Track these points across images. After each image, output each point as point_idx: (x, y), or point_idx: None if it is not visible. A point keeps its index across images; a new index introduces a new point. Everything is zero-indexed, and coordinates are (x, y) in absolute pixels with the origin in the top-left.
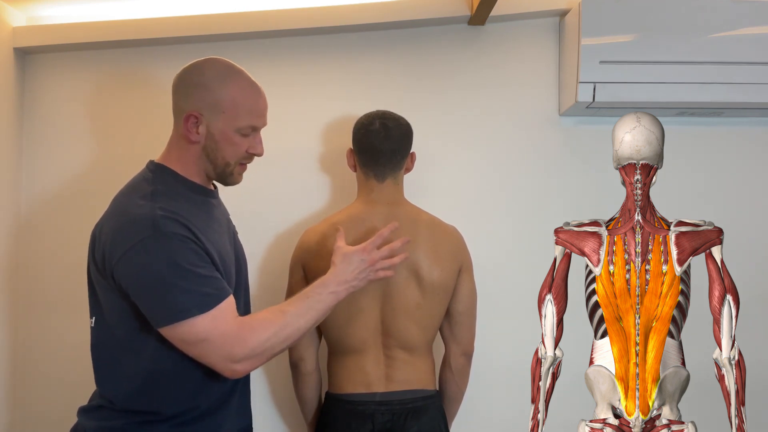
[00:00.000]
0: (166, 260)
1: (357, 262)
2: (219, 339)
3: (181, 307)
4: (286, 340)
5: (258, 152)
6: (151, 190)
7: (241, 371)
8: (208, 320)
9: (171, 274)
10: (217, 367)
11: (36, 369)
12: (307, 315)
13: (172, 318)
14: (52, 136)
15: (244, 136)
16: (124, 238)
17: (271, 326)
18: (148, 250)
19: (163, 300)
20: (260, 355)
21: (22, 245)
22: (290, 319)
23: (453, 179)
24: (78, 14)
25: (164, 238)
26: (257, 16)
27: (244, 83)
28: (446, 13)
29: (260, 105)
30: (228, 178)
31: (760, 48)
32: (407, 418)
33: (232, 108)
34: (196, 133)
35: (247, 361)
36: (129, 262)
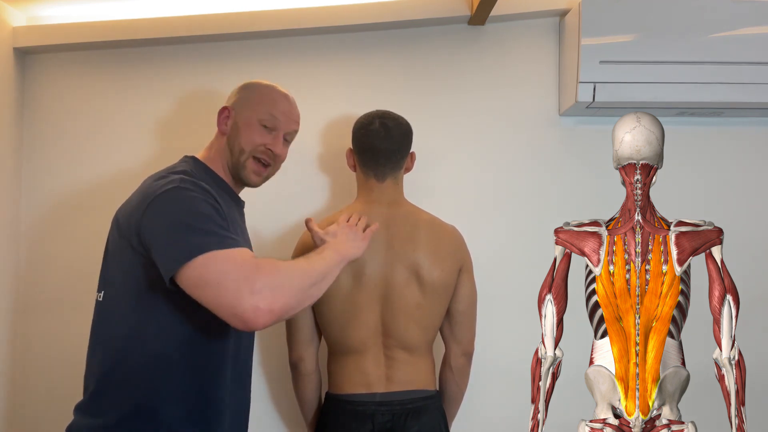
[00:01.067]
0: (188, 207)
1: (334, 231)
2: (235, 272)
3: (200, 243)
4: (304, 282)
5: (276, 150)
6: (182, 170)
7: (261, 309)
8: (226, 255)
9: (192, 218)
10: (234, 307)
11: (36, 369)
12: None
13: (191, 253)
14: (52, 136)
15: (265, 129)
16: (150, 195)
17: (289, 264)
18: (171, 198)
19: (184, 239)
20: (281, 288)
21: (22, 245)
22: (308, 266)
23: (453, 179)
24: (78, 14)
25: (188, 191)
26: (257, 16)
27: (275, 88)
28: (446, 13)
29: (284, 105)
30: (242, 171)
31: (760, 48)
32: (407, 418)
33: (259, 99)
34: (225, 126)
35: (266, 293)
36: (155, 209)
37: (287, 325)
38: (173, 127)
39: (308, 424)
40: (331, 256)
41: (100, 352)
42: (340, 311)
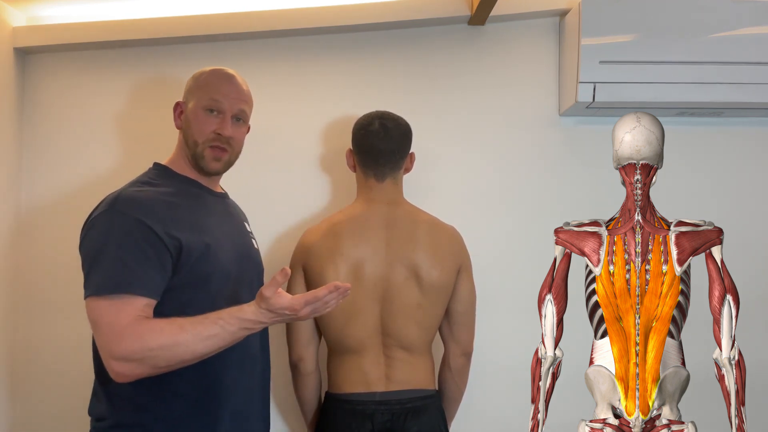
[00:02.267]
0: (102, 235)
1: (280, 313)
2: (105, 329)
3: (89, 283)
4: (174, 358)
5: (224, 133)
6: (137, 180)
7: (120, 373)
8: (104, 306)
9: (99, 249)
10: (104, 361)
11: (36, 369)
12: (210, 341)
13: (85, 292)
14: (51, 136)
15: (210, 113)
16: (90, 216)
17: (161, 337)
18: (95, 223)
19: (85, 273)
20: (140, 361)
21: (22, 245)
22: (188, 338)
23: (453, 179)
24: (78, 14)
25: (112, 214)
26: (257, 16)
27: (218, 71)
28: (446, 13)
29: (226, 87)
30: (200, 161)
31: (760, 48)
32: (407, 417)
33: (201, 86)
34: (180, 120)
35: (124, 363)
36: (84, 234)
37: (287, 324)
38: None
39: (308, 423)
40: (239, 334)
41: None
42: (340, 311)
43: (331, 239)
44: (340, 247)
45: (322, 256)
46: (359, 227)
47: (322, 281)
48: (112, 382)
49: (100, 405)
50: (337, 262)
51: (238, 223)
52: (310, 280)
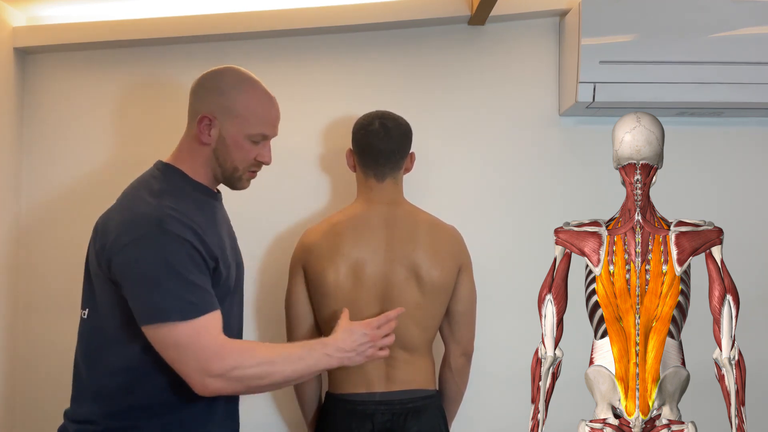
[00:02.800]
0: (161, 259)
1: (359, 335)
2: (198, 350)
3: (164, 308)
4: (266, 378)
5: (266, 161)
6: (158, 188)
7: (212, 390)
8: (189, 329)
9: (162, 273)
10: (189, 378)
11: (36, 369)
12: (297, 364)
13: (153, 318)
14: (52, 136)
15: (254, 144)
16: (128, 231)
17: (257, 356)
18: (147, 245)
19: (148, 298)
20: (236, 380)
21: (22, 245)
22: (279, 360)
23: (453, 179)
24: (78, 14)
25: (165, 237)
26: (257, 16)
27: (259, 92)
28: (446, 13)
29: (272, 114)
30: (236, 183)
31: (760, 48)
32: (407, 417)
33: (245, 114)
34: (208, 135)
35: (220, 380)
36: (127, 254)
37: (287, 324)
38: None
39: (308, 423)
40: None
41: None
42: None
43: (332, 239)
44: (341, 247)
45: (322, 256)
46: (359, 227)
47: (322, 281)
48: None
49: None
50: (338, 262)
51: (229, 224)
52: (310, 280)
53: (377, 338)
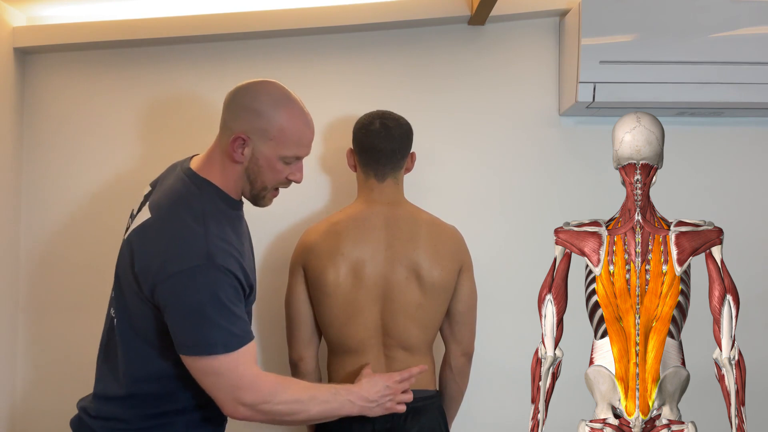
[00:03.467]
0: (210, 292)
1: (382, 386)
2: (235, 379)
3: (210, 342)
4: (291, 416)
5: (297, 179)
6: (201, 211)
7: (241, 416)
8: (230, 360)
9: (210, 307)
10: (221, 402)
11: (36, 369)
12: (322, 406)
13: (199, 350)
14: (52, 136)
15: (287, 164)
16: (176, 261)
17: (288, 394)
18: (196, 277)
19: (195, 330)
20: (264, 412)
21: (22, 246)
22: (307, 400)
23: (453, 179)
24: (78, 14)
25: (215, 270)
26: (257, 16)
27: (295, 113)
28: (446, 13)
29: (307, 136)
30: (260, 201)
31: (760, 48)
32: (407, 418)
33: (279, 136)
34: (241, 155)
35: (251, 410)
36: (175, 284)
37: (287, 324)
38: (174, 127)
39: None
40: (344, 406)
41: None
42: (340, 311)
43: (332, 239)
44: (341, 247)
45: (322, 255)
46: (360, 227)
47: (322, 281)
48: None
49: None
50: (338, 262)
51: (250, 237)
52: (310, 280)
53: (398, 392)
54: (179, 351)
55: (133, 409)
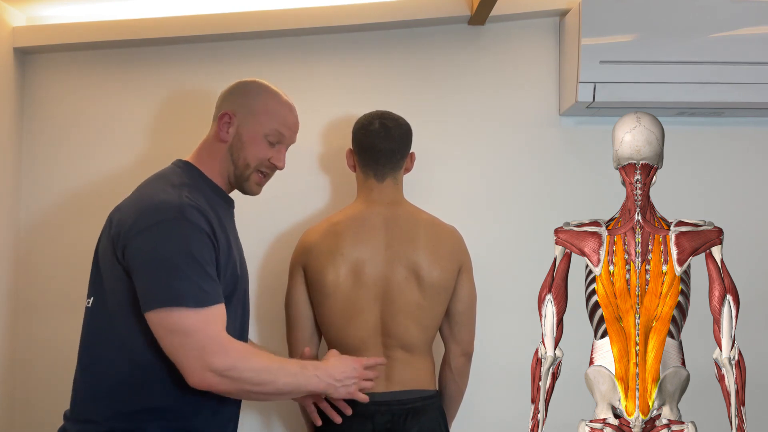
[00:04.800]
0: (181, 245)
1: (350, 368)
2: (205, 340)
3: (180, 293)
4: (261, 385)
5: (279, 165)
6: (179, 182)
7: (208, 384)
8: (200, 317)
9: (181, 259)
10: (187, 368)
11: (36, 369)
12: (290, 378)
13: (167, 301)
14: (52, 136)
15: (270, 144)
16: (148, 217)
17: (257, 362)
18: (167, 230)
19: (164, 281)
20: (235, 379)
21: (22, 246)
22: (277, 369)
23: (453, 179)
24: (78, 14)
25: (186, 224)
26: (257, 16)
27: (281, 98)
28: (446, 13)
29: (290, 119)
30: (245, 183)
31: (760, 48)
32: (407, 418)
33: (264, 113)
34: (227, 133)
35: (218, 376)
36: (145, 238)
37: (287, 324)
38: (173, 127)
39: (308, 424)
40: (311, 381)
41: (87, 360)
42: (340, 311)
43: (331, 239)
44: (340, 247)
45: (322, 256)
46: (359, 227)
47: (322, 281)
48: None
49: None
50: (337, 262)
51: (238, 240)
52: (310, 280)
53: (363, 377)
54: (147, 308)
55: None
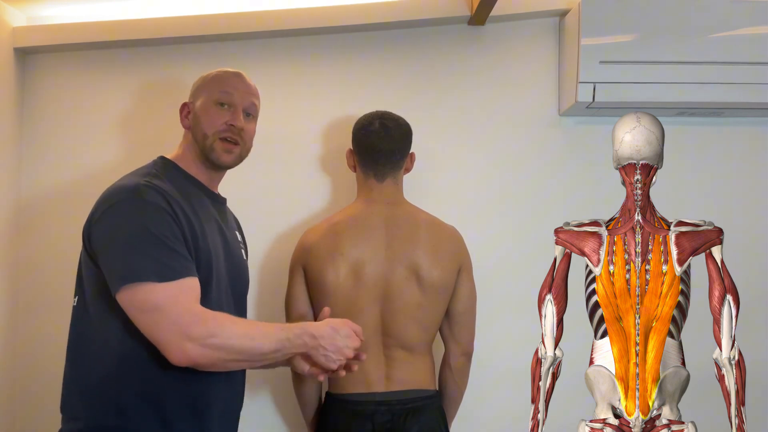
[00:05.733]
0: (137, 223)
1: (343, 335)
2: (178, 313)
3: (140, 269)
4: (243, 353)
5: (236, 123)
6: (145, 172)
7: (190, 357)
8: (168, 290)
9: (138, 237)
10: (165, 344)
11: (36, 369)
12: (274, 344)
13: (129, 278)
14: (51, 136)
15: (221, 106)
16: (104, 201)
17: (238, 327)
18: (122, 211)
19: (124, 260)
20: (216, 347)
21: (21, 245)
22: (258, 334)
23: (453, 179)
24: (78, 14)
25: (141, 202)
26: (257, 16)
27: (226, 69)
28: (446, 13)
29: (235, 80)
30: (211, 154)
31: (760, 48)
32: (407, 418)
33: (209, 84)
34: (187, 119)
35: (200, 346)
36: (103, 223)
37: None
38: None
39: (308, 423)
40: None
41: (71, 358)
42: (340, 311)
43: (331, 239)
44: (340, 247)
45: (322, 255)
46: (359, 227)
47: (322, 281)
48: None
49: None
50: (337, 262)
51: (230, 231)
52: (310, 280)
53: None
54: (114, 291)
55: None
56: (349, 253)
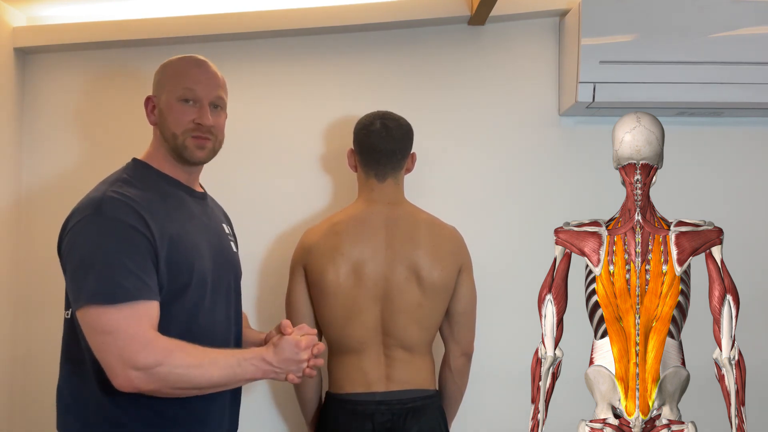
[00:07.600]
0: (94, 241)
1: (289, 351)
2: (124, 338)
3: (91, 291)
4: (190, 382)
5: (205, 122)
6: (116, 178)
7: (134, 385)
8: (118, 315)
9: (93, 256)
10: (110, 369)
11: (36, 369)
12: (224, 371)
13: (79, 300)
14: (51, 136)
15: (186, 103)
16: (70, 219)
17: (187, 357)
18: (82, 229)
19: (78, 280)
20: (161, 378)
21: (21, 245)
22: (209, 362)
23: (453, 179)
24: (78, 14)
25: (102, 219)
26: (256, 16)
27: (187, 58)
28: (446, 13)
29: (196, 73)
30: (184, 152)
31: (760, 48)
32: (407, 417)
33: (171, 78)
34: (153, 115)
35: (144, 375)
36: (67, 241)
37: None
38: None
39: (308, 423)
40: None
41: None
42: (340, 310)
43: (332, 239)
44: (341, 247)
45: (322, 255)
46: (360, 227)
47: (322, 281)
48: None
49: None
50: (338, 262)
51: (216, 225)
52: (310, 280)
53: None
54: (73, 311)
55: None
56: (350, 253)
